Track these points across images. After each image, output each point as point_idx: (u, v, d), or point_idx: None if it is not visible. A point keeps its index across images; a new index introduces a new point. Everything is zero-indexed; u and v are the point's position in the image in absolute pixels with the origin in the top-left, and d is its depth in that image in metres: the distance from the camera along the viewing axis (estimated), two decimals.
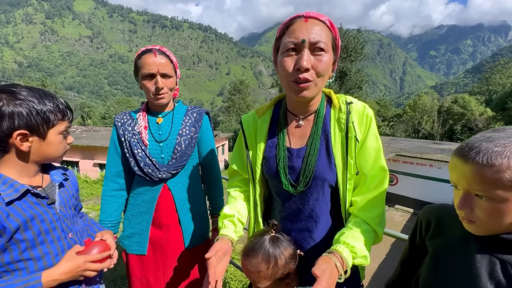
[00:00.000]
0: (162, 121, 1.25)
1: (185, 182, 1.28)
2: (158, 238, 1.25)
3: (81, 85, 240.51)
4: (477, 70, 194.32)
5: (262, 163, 0.93)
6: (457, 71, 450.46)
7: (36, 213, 0.77)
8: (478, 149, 0.51)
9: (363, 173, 0.82)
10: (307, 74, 0.74)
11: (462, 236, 0.63)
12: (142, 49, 1.17)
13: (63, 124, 0.82)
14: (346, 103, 0.84)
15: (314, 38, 0.73)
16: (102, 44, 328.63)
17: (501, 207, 0.51)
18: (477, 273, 0.58)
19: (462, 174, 0.54)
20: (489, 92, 41.59)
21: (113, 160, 1.25)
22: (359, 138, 0.81)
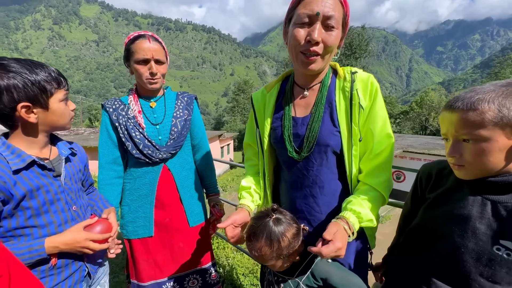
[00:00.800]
0: (155, 105, 1.27)
1: (182, 162, 1.32)
2: (162, 218, 1.28)
3: (88, 89, 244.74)
4: (486, 65, 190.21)
5: (270, 133, 0.98)
6: (465, 66, 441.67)
7: (42, 183, 0.80)
8: (463, 98, 0.60)
9: (370, 139, 0.84)
10: (317, 47, 0.77)
11: (456, 184, 0.69)
12: (135, 34, 1.17)
13: (61, 92, 0.83)
14: (351, 72, 0.87)
15: (328, 12, 0.75)
16: (108, 48, 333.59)
17: (485, 146, 0.58)
18: (469, 214, 0.64)
19: (450, 122, 0.62)
20: None
21: (108, 147, 1.23)
22: (364, 105, 0.83)
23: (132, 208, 1.26)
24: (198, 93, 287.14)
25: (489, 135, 0.57)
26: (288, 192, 0.97)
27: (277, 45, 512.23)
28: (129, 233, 1.27)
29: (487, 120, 0.57)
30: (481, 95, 0.58)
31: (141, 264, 1.28)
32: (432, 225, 0.72)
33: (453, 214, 0.67)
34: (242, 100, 42.10)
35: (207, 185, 1.46)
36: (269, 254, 0.78)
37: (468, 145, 0.61)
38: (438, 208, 0.72)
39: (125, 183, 1.28)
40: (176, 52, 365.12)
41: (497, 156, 0.59)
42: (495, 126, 0.57)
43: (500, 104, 0.56)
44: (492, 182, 0.62)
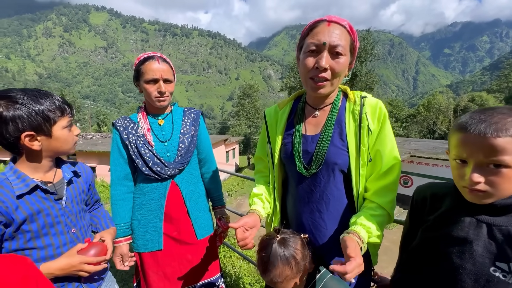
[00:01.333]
0: (163, 123, 1.33)
1: (189, 177, 1.38)
2: (171, 231, 1.33)
3: (96, 94, 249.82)
4: (495, 67, 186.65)
5: (280, 148, 1.03)
6: (474, 69, 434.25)
7: (43, 207, 0.85)
8: (490, 122, 0.57)
9: (378, 161, 0.88)
10: (325, 73, 0.84)
11: (453, 206, 0.72)
12: (144, 56, 1.24)
13: (64, 119, 0.87)
14: (361, 97, 0.92)
15: (334, 41, 0.81)
16: (116, 54, 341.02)
17: (509, 172, 0.57)
18: (466, 236, 0.66)
19: (478, 146, 0.59)
20: (509, 90, 39.82)
21: (119, 164, 1.29)
22: (372, 128, 0.88)
23: (142, 222, 1.31)
24: (204, 97, 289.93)
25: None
26: (295, 205, 1.01)
27: (282, 49, 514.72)
28: (139, 247, 1.32)
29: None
30: (510, 119, 0.57)
31: (151, 276, 1.32)
32: (432, 246, 0.74)
33: (451, 236, 0.69)
34: (247, 105, 42.27)
35: (213, 198, 1.51)
36: (291, 273, 0.80)
37: (493, 170, 0.60)
38: (436, 230, 0.74)
39: (135, 197, 1.33)
40: (182, 58, 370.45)
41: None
42: None
43: None
44: (490, 204, 0.63)
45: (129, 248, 1.28)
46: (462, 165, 0.65)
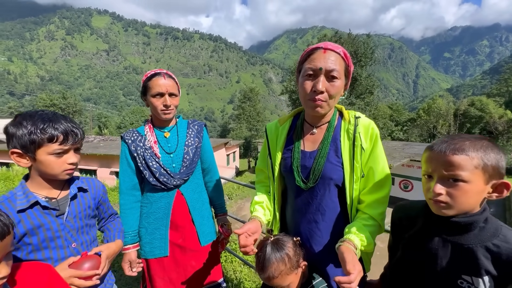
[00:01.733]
0: (169, 135, 1.41)
1: (194, 186, 1.45)
2: (176, 238, 1.40)
3: (98, 97, 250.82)
4: (496, 71, 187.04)
5: (280, 162, 1.10)
6: (474, 72, 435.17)
7: (44, 222, 0.90)
8: (451, 143, 0.72)
9: (371, 176, 0.97)
10: (321, 95, 0.92)
11: (424, 226, 0.83)
12: (151, 73, 1.33)
13: (51, 146, 0.88)
14: (355, 117, 1.00)
15: (329, 67, 0.90)
16: (117, 57, 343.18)
17: (467, 187, 0.69)
18: (436, 253, 0.77)
19: (439, 162, 0.72)
20: (509, 94, 39.90)
21: (128, 175, 1.36)
22: (365, 147, 0.97)
23: (149, 230, 1.38)
24: (205, 100, 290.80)
25: (471, 178, 0.69)
26: (293, 216, 1.09)
27: (282, 53, 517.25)
28: (147, 253, 1.39)
29: (473, 164, 0.68)
30: (467, 143, 0.70)
31: (158, 282, 1.39)
32: (408, 262, 0.85)
33: (423, 253, 0.80)
34: (248, 108, 42.40)
35: (216, 206, 1.58)
36: (285, 269, 0.92)
37: (452, 184, 0.70)
38: (411, 248, 0.85)
39: (142, 206, 1.40)
40: (183, 61, 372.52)
41: (473, 198, 0.71)
42: (477, 170, 0.68)
43: (483, 154, 0.69)
44: (455, 222, 0.74)
45: (137, 255, 1.33)
46: (429, 180, 0.77)
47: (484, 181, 0.69)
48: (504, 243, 0.69)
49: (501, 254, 0.69)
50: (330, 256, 0.98)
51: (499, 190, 0.71)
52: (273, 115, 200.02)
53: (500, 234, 0.71)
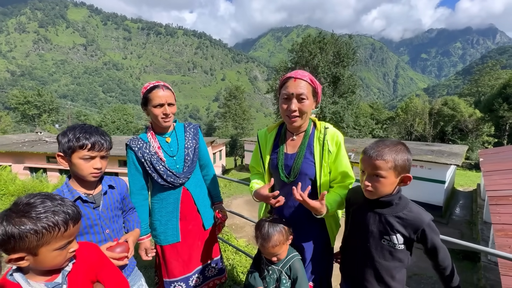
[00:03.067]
0: (170, 140, 1.63)
1: (196, 181, 1.71)
2: (185, 226, 1.67)
3: (75, 93, 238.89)
4: (467, 72, 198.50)
5: (269, 162, 1.46)
6: (448, 73, 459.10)
7: (84, 212, 1.14)
8: (376, 150, 1.09)
9: (338, 172, 1.34)
10: (295, 113, 1.28)
11: (361, 203, 1.22)
12: (150, 85, 1.52)
13: (81, 152, 1.14)
14: (325, 128, 1.36)
15: (299, 91, 1.25)
16: (96, 52, 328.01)
17: (384, 181, 1.08)
18: (368, 222, 1.17)
19: (369, 164, 1.10)
20: (478, 94, 42.68)
21: (136, 177, 1.57)
22: (331, 150, 1.32)
23: (163, 221, 1.64)
24: (189, 98, 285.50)
25: (387, 175, 1.07)
26: (281, 208, 1.41)
27: (267, 51, 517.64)
28: (162, 241, 1.65)
29: (388, 166, 1.06)
30: (386, 149, 1.07)
31: (173, 263, 1.66)
32: (352, 229, 1.27)
33: (360, 222, 1.21)
34: (233, 106, 42.31)
35: (213, 195, 1.87)
36: (283, 239, 1.27)
37: (376, 178, 1.09)
38: (353, 219, 1.27)
39: (154, 203, 1.65)
40: (166, 57, 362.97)
41: (388, 187, 1.10)
42: (390, 170, 1.07)
43: (395, 157, 1.06)
44: (380, 201, 1.14)
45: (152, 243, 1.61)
46: (362, 174, 1.15)
47: (395, 176, 1.08)
48: (409, 212, 1.10)
49: (407, 219, 1.09)
50: (303, 231, 1.37)
51: (404, 181, 1.10)
52: (259, 113, 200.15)
53: (407, 206, 1.11)
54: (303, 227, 1.37)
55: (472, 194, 14.51)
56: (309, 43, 25.43)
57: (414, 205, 1.12)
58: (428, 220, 1.08)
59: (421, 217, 1.08)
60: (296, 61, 26.82)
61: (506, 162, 8.46)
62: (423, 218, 1.07)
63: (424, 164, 12.41)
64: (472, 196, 14.16)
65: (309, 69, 23.46)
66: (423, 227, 1.06)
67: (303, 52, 25.44)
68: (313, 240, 1.38)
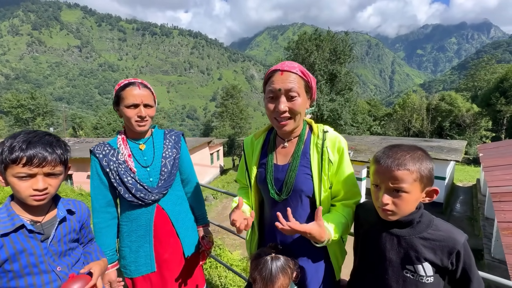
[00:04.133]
0: (145, 147, 1.34)
1: (174, 198, 1.39)
2: (161, 253, 1.35)
3: (71, 96, 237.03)
4: (463, 67, 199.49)
5: (256, 175, 1.15)
6: (444, 68, 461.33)
7: (27, 247, 0.84)
8: (394, 158, 0.83)
9: (340, 188, 1.05)
10: (285, 114, 0.98)
11: (373, 223, 0.96)
12: (125, 82, 1.25)
13: (15, 168, 0.83)
14: (323, 131, 1.05)
15: (288, 86, 0.96)
16: (91, 54, 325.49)
17: (407, 196, 0.83)
18: (384, 247, 0.91)
19: (388, 177, 0.83)
20: (474, 89, 42.79)
21: (100, 191, 1.28)
22: (332, 160, 1.02)
23: (133, 248, 1.32)
24: (186, 98, 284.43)
25: (411, 189, 0.82)
26: (269, 225, 1.13)
27: (264, 50, 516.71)
28: (132, 272, 1.33)
29: (413, 178, 0.81)
30: (408, 157, 0.82)
31: None
32: (365, 254, 0.99)
33: (374, 247, 0.93)
34: (230, 106, 42.11)
35: (197, 217, 1.54)
36: (288, 281, 0.99)
37: (396, 194, 0.83)
38: (365, 243, 0.99)
39: (122, 225, 1.34)
40: (162, 57, 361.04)
41: (413, 204, 0.85)
42: (415, 182, 0.82)
43: (420, 166, 0.82)
44: (398, 221, 0.88)
45: (119, 274, 1.29)
46: (377, 189, 0.88)
47: (420, 189, 0.84)
48: (436, 231, 0.85)
49: (436, 240, 0.84)
50: (300, 263, 1.06)
51: (430, 195, 0.86)
52: (256, 112, 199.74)
53: (432, 224, 0.87)
54: (300, 257, 1.07)
55: (472, 189, 14.42)
56: (305, 41, 25.28)
57: (440, 221, 0.89)
58: (464, 240, 0.83)
59: (453, 235, 0.84)
60: (292, 59, 26.61)
61: (507, 156, 8.31)
62: (456, 237, 0.83)
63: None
64: (472, 191, 14.06)
65: (306, 67, 23.03)
66: (457, 248, 0.82)
67: (300, 50, 25.28)
68: (313, 274, 1.06)
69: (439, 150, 13.48)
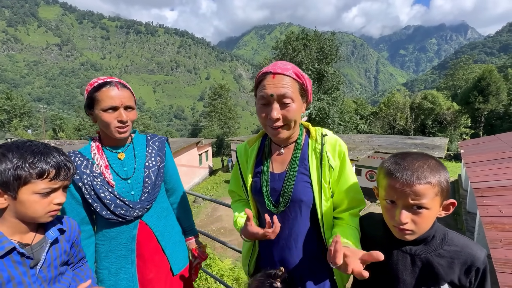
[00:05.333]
0: (124, 157, 1.16)
1: (159, 211, 1.24)
2: (146, 273, 1.18)
3: (51, 96, 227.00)
4: (443, 67, 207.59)
5: (251, 185, 1.04)
6: (425, 68, 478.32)
7: (15, 274, 0.74)
8: (417, 173, 0.71)
9: (343, 196, 0.95)
10: (279, 122, 0.88)
11: (383, 240, 0.85)
12: (99, 82, 1.06)
13: (39, 184, 0.75)
14: (322, 135, 0.96)
15: (280, 91, 0.85)
16: (72, 52, 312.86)
17: (427, 213, 0.73)
18: (396, 267, 0.81)
19: (408, 192, 0.71)
20: (454, 87, 44.55)
21: (72, 208, 1.09)
22: (333, 165, 0.93)
23: (112, 270, 1.14)
24: (173, 98, 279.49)
25: (432, 204, 0.72)
26: (266, 241, 1.01)
27: (251, 49, 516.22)
28: None
29: (434, 192, 0.71)
30: (426, 167, 0.71)
31: None
32: (372, 276, 0.80)
33: (385, 267, 0.82)
34: (219, 105, 41.68)
35: (185, 229, 1.39)
36: None
37: (416, 211, 0.73)
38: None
39: (99, 244, 1.15)
40: (148, 56, 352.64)
41: (432, 220, 0.75)
42: (436, 197, 0.72)
43: (439, 178, 0.71)
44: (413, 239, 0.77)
45: None
46: (392, 205, 0.77)
47: (440, 204, 0.75)
48: (453, 247, 0.76)
49: (453, 259, 0.74)
50: (303, 282, 0.94)
51: (447, 208, 0.77)
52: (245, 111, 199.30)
53: (447, 239, 0.78)
54: (302, 275, 0.95)
55: (454, 184, 14.97)
56: (292, 40, 25.40)
57: (455, 234, 0.80)
58: (484, 256, 0.75)
59: (472, 251, 0.75)
60: (280, 58, 26.66)
61: (486, 152, 8.65)
62: (475, 254, 0.75)
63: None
64: (454, 187, 14.60)
65: None
66: (477, 266, 0.74)
67: (287, 49, 25.37)
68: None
69: (423, 147, 13.90)
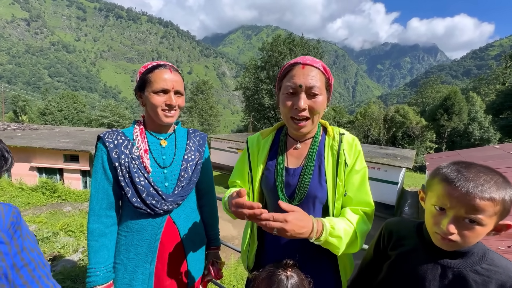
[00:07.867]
0: (166, 144, 1.12)
1: (188, 212, 1.16)
2: (163, 279, 1.09)
3: (13, 75, 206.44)
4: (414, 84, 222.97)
5: (261, 178, 1.02)
6: (399, 84, 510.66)
7: None
8: (481, 186, 0.64)
9: (352, 195, 0.93)
10: (304, 112, 0.89)
11: (414, 247, 0.80)
12: (153, 64, 1.06)
13: None
14: (340, 134, 0.98)
15: (310, 83, 0.86)
16: (42, 30, 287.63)
17: (481, 229, 0.66)
18: (424, 276, 0.75)
19: (465, 203, 0.65)
20: (423, 104, 48.06)
21: (103, 190, 1.02)
22: (349, 163, 0.93)
23: (129, 268, 1.05)
24: None
25: (488, 222, 0.65)
26: (274, 238, 0.99)
27: (237, 48, 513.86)
28: None
29: (495, 210, 0.64)
30: (492, 182, 0.65)
31: None
32: (396, 283, 0.81)
33: (412, 275, 0.77)
34: (200, 101, 40.87)
35: (210, 236, 1.28)
36: None
37: (467, 225, 0.66)
38: (399, 268, 0.81)
39: (121, 236, 1.07)
40: (127, 43, 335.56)
41: (481, 237, 0.69)
42: (495, 215, 0.65)
43: (504, 197, 0.64)
44: (452, 251, 0.71)
45: None
46: (440, 213, 0.70)
47: (495, 223, 0.68)
48: (493, 267, 0.70)
49: (491, 278, 0.69)
50: (312, 277, 0.90)
51: (499, 229, 0.69)
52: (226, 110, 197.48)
53: (487, 257, 0.72)
54: (308, 269, 0.92)
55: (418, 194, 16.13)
56: (279, 44, 25.72)
57: (496, 255, 0.74)
58: None
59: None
60: (266, 60, 26.82)
61: None
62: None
63: (381, 166, 13.33)
64: (417, 196, 15.70)
65: (278, 70, 23.67)
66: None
67: (273, 52, 25.62)
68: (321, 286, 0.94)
69: (394, 157, 14.79)
